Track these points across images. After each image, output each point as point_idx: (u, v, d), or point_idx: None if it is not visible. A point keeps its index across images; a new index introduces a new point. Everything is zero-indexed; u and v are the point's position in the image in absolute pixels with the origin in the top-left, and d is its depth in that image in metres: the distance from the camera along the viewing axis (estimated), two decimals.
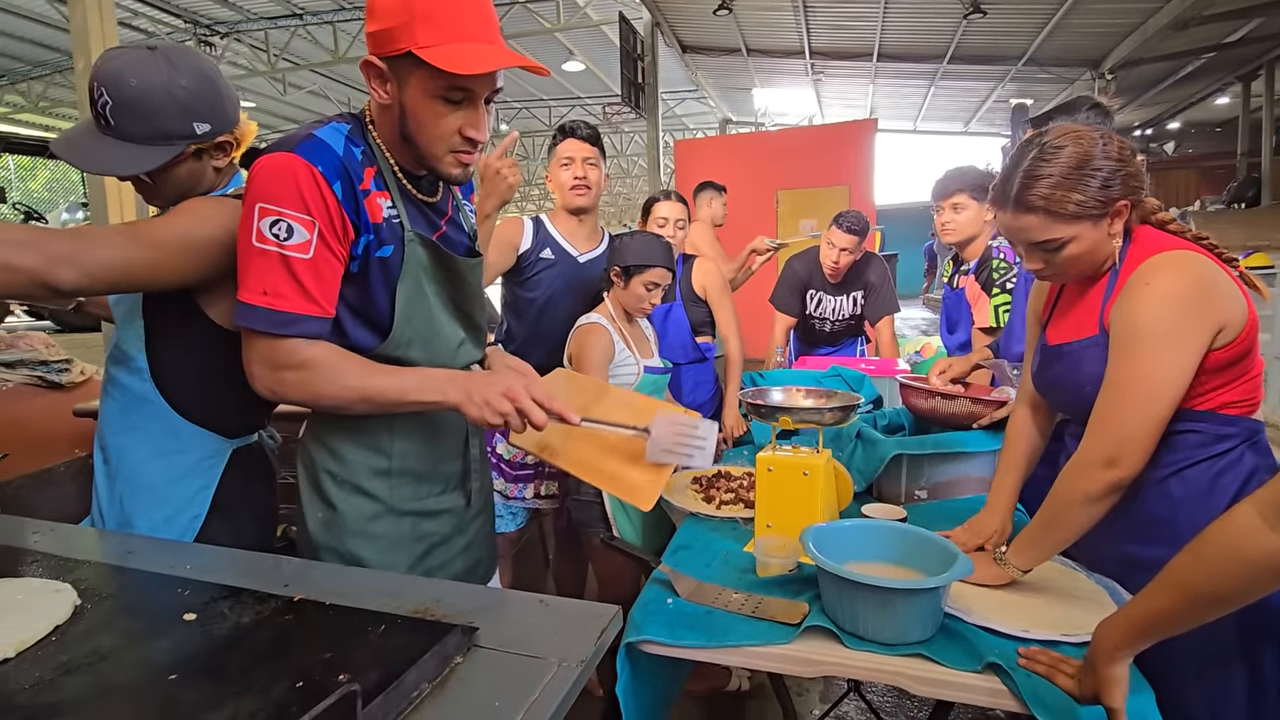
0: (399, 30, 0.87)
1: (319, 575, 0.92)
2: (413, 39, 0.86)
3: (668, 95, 12.09)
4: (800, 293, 2.84)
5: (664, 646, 1.00)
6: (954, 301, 2.23)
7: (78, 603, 0.78)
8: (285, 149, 0.90)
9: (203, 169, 1.11)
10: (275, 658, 0.67)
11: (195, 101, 1.04)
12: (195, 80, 1.04)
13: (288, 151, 0.90)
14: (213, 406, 1.12)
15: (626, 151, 18.62)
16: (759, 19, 7.88)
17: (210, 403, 1.12)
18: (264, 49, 10.08)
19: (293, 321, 0.91)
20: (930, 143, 15.54)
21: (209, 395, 1.11)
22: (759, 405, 1.33)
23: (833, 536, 1.09)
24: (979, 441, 1.54)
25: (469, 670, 0.68)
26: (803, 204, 6.15)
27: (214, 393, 1.11)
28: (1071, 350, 1.12)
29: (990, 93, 10.00)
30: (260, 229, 0.89)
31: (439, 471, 1.12)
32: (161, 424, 1.11)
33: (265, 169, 0.90)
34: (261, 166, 0.90)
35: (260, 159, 0.91)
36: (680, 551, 1.30)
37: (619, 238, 1.89)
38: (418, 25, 0.86)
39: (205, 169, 1.11)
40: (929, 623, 0.96)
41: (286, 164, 0.89)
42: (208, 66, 1.08)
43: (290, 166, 0.89)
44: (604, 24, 9.18)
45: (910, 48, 8.39)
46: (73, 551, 0.96)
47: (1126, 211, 1.04)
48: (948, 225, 2.10)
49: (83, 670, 0.66)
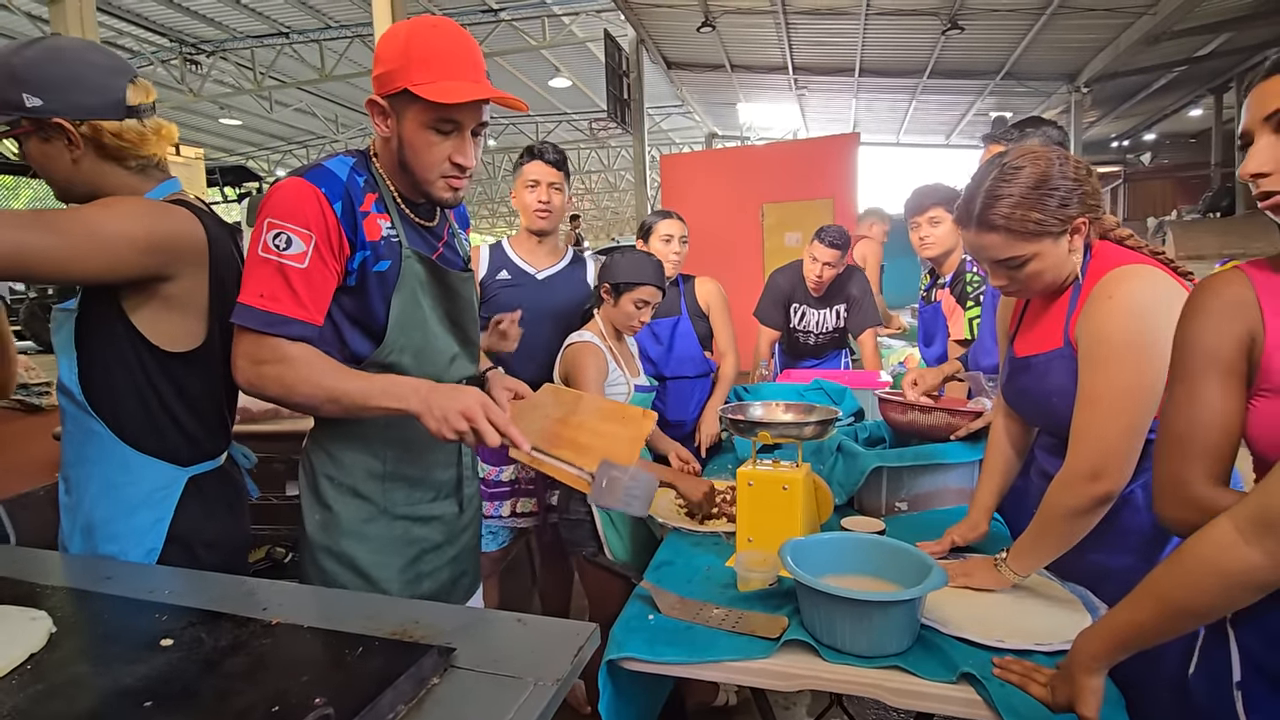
0: (397, 72, 1.00)
1: (298, 598, 0.92)
2: (408, 78, 0.99)
3: (653, 110, 12.21)
4: (784, 306, 2.87)
5: (644, 663, 1.00)
6: (930, 315, 2.27)
7: (53, 630, 0.77)
8: (296, 175, 1.04)
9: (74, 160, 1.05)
10: (251, 682, 0.67)
11: (29, 72, 1.00)
12: (41, 56, 1.01)
13: (298, 177, 1.03)
14: (160, 434, 1.09)
15: (613, 166, 18.76)
16: (742, 35, 7.99)
17: (157, 430, 1.09)
18: (250, 67, 10.11)
19: (282, 323, 1.00)
20: (913, 155, 15.78)
21: (155, 422, 1.09)
22: (738, 420, 1.35)
23: (811, 550, 1.10)
24: (957, 453, 1.57)
25: (445, 691, 0.69)
26: (788, 217, 6.20)
27: (161, 419, 1.09)
28: (1038, 362, 1.15)
29: (970, 106, 10.18)
30: (265, 240, 1.00)
31: (431, 478, 1.18)
32: (111, 456, 1.08)
33: (277, 191, 1.02)
34: (275, 189, 1.03)
35: (275, 184, 1.04)
36: (663, 567, 1.31)
37: (609, 255, 1.90)
38: (413, 67, 0.99)
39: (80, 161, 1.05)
40: (905, 634, 0.97)
41: (294, 186, 1.02)
42: (77, 53, 1.04)
43: (297, 188, 1.01)
44: (589, 41, 9.30)
45: (891, 63, 8.53)
46: (48, 578, 0.95)
47: (1085, 228, 1.07)
48: (926, 240, 2.14)
49: (58, 698, 0.66)
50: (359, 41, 9.38)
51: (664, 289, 1.87)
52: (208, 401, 1.14)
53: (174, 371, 1.09)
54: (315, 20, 9.16)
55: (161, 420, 1.09)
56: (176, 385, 1.09)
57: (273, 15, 8.95)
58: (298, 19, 9.14)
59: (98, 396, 1.07)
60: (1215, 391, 0.78)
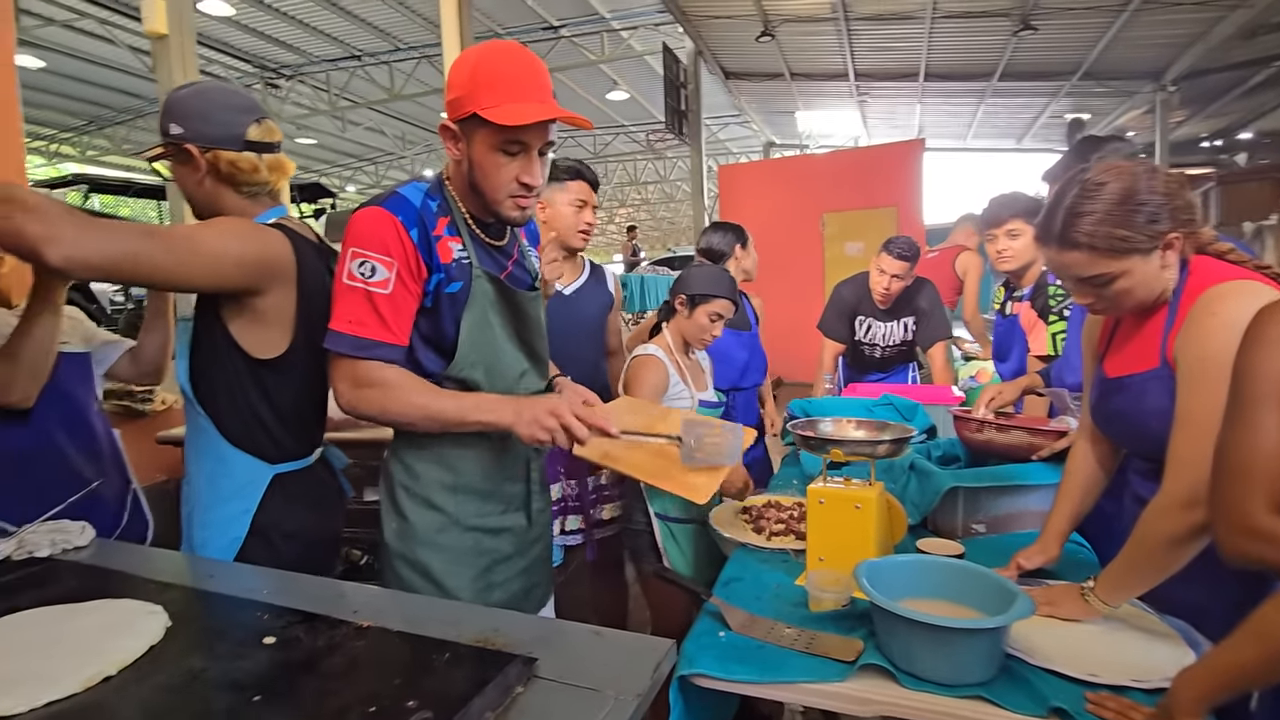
0: (466, 97, 1.05)
1: (384, 602, 0.96)
2: (476, 103, 1.04)
3: (710, 121, 12.21)
4: (849, 319, 2.81)
5: (716, 680, 1.00)
6: (1006, 329, 2.18)
7: (168, 624, 0.83)
8: (375, 204, 1.09)
9: (199, 180, 1.21)
10: (348, 682, 0.71)
11: (176, 106, 1.20)
12: (189, 93, 1.21)
13: (377, 206, 1.08)
14: (250, 431, 1.22)
15: (670, 177, 18.83)
16: (801, 43, 7.91)
17: (248, 428, 1.21)
18: (325, 89, 10.64)
19: (372, 346, 1.06)
20: (981, 159, 15.23)
21: (245, 421, 1.21)
22: (809, 437, 1.33)
23: (887, 572, 1.08)
24: (1040, 474, 1.50)
25: (529, 701, 0.70)
26: (849, 226, 6.10)
27: (249, 418, 1.21)
28: (1133, 383, 1.09)
29: (1044, 108, 9.76)
30: (350, 269, 1.06)
31: (501, 491, 1.22)
32: (212, 449, 1.22)
33: (358, 220, 1.07)
34: (356, 218, 1.08)
35: (355, 212, 1.09)
36: (731, 584, 1.30)
37: (685, 269, 1.91)
38: (480, 92, 1.04)
39: (203, 182, 1.21)
40: (989, 664, 0.94)
41: (374, 216, 1.07)
42: (217, 94, 1.22)
43: (377, 217, 1.07)
44: (647, 54, 9.40)
45: (958, 66, 8.28)
46: (161, 574, 1.02)
47: (1179, 243, 1.02)
48: (1004, 252, 2.06)
49: (176, 689, 0.71)
50: (426, 62, 9.76)
51: (737, 303, 1.88)
52: (291, 405, 1.24)
53: (261, 376, 1.21)
54: (386, 43, 9.58)
55: (250, 419, 1.21)
56: (262, 388, 1.21)
57: (346, 39, 9.41)
58: (369, 42, 9.58)
59: (203, 395, 1.22)
60: (1277, 420, 0.77)
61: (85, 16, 8.05)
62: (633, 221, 20.19)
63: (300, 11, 8.46)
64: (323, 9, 8.37)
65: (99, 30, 8.35)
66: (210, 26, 8.47)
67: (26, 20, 7.65)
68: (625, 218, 23.87)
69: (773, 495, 1.74)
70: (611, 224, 26.04)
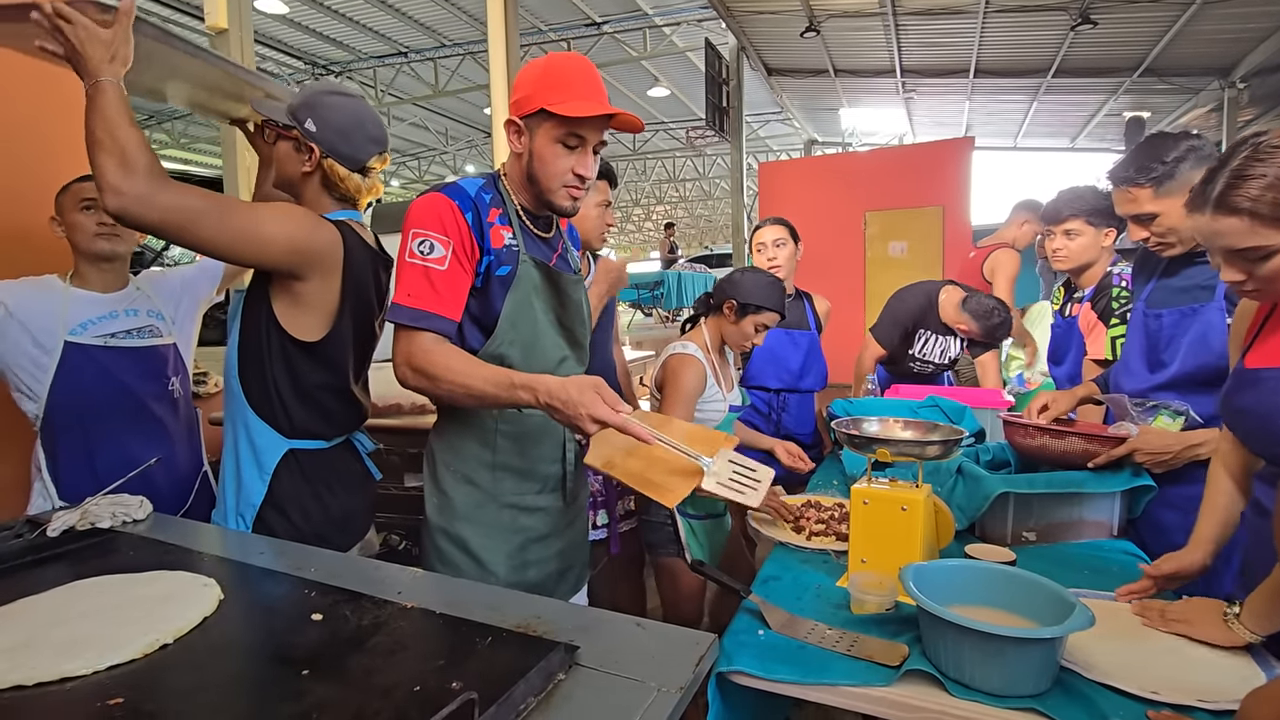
0: (535, 95, 1.14)
1: (426, 584, 0.97)
2: (545, 99, 1.13)
3: (751, 118, 12.10)
4: (905, 330, 2.68)
5: (756, 679, 0.98)
6: (1064, 331, 2.09)
7: (221, 597, 0.86)
8: (433, 190, 1.17)
9: (300, 171, 1.33)
10: (393, 661, 0.71)
11: (321, 110, 1.31)
12: (338, 103, 1.32)
13: (435, 192, 1.16)
14: (269, 403, 1.28)
15: (708, 174, 18.73)
16: (847, 39, 7.77)
17: (268, 399, 1.28)
18: (373, 85, 10.86)
19: (425, 317, 1.12)
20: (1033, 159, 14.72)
21: (268, 392, 1.28)
22: (855, 436, 1.30)
23: (935, 576, 1.04)
24: (1098, 483, 1.44)
25: (571, 688, 0.70)
26: (893, 226, 5.96)
27: (272, 391, 1.28)
28: (1271, 377, 1.01)
29: (1101, 105, 9.37)
30: (411, 248, 1.13)
31: (538, 471, 1.26)
32: (241, 414, 1.30)
33: (418, 205, 1.15)
34: (416, 204, 1.15)
35: (416, 200, 1.16)
36: (770, 582, 1.28)
37: (738, 271, 1.88)
38: (549, 90, 1.13)
39: (303, 174, 1.33)
40: (1044, 675, 0.90)
41: (432, 199, 1.15)
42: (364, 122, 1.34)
43: (435, 200, 1.15)
44: (689, 50, 9.35)
45: (1010, 62, 8.01)
46: (213, 549, 1.06)
47: None
48: (1059, 252, 1.97)
49: (229, 659, 0.73)
50: (470, 58, 9.88)
51: (784, 314, 1.84)
52: (311, 389, 1.30)
53: (290, 354, 1.27)
54: (431, 40, 9.73)
55: (270, 391, 1.27)
56: (289, 365, 1.28)
57: (394, 36, 9.59)
58: (416, 39, 9.74)
59: (242, 361, 1.29)
60: None
61: (150, 15, 8.38)
62: (670, 219, 20.13)
63: (350, 8, 8.65)
64: (372, 6, 8.55)
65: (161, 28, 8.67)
66: (265, 24, 8.73)
67: None
68: (663, 215, 23.83)
69: (812, 495, 1.71)
70: (649, 221, 26.03)
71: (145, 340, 1.59)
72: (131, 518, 1.19)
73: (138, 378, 1.56)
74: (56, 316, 1.49)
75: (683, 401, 1.73)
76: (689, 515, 1.76)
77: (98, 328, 1.53)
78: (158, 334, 1.63)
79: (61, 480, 1.49)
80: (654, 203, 23.30)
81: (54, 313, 1.49)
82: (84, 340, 1.50)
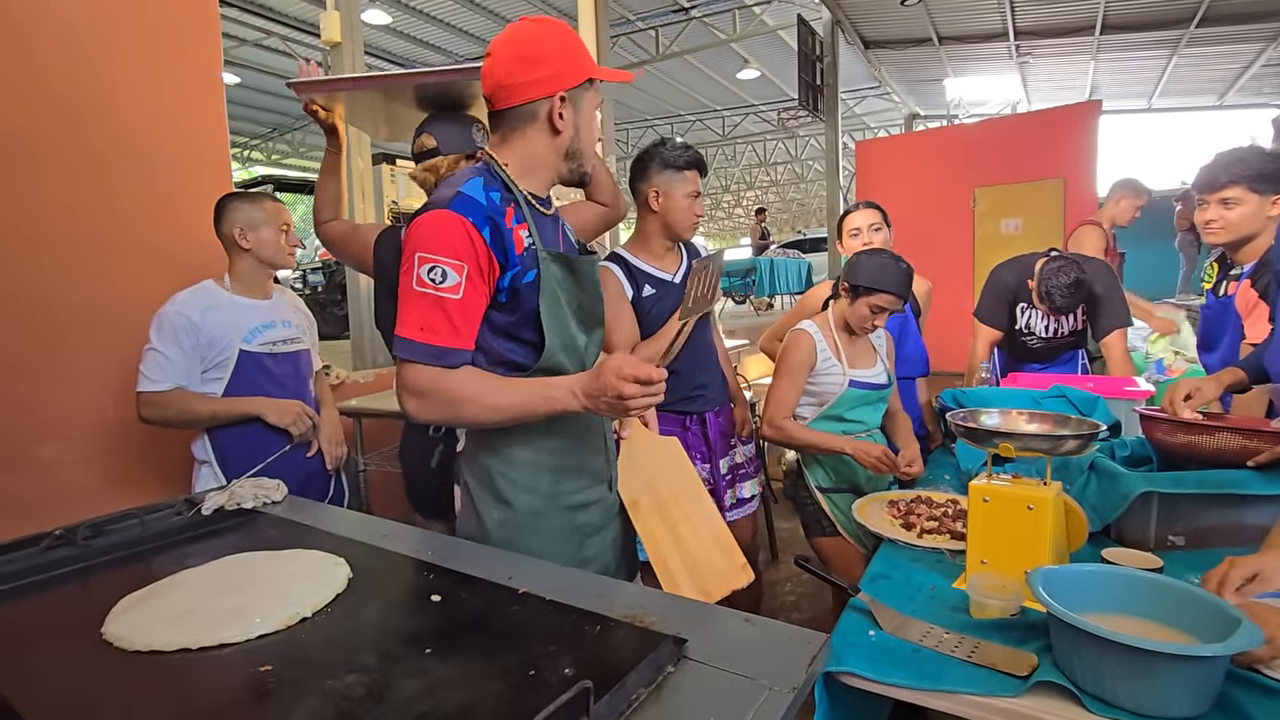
0: (572, 67, 1.10)
1: (535, 570, 0.99)
2: (589, 68, 1.12)
3: (847, 94, 11.60)
4: (1008, 306, 2.51)
5: (867, 681, 0.94)
6: (1218, 312, 1.85)
7: (350, 575, 0.92)
8: (439, 206, 1.03)
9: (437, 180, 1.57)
10: (509, 644, 0.74)
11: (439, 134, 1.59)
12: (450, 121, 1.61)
13: (443, 209, 1.02)
14: None
15: (801, 156, 18.16)
16: (953, 4, 7.25)
17: None
18: None
19: (444, 354, 1.02)
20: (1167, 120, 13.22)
21: None
22: (974, 429, 1.21)
23: (1067, 581, 0.96)
24: (1258, 484, 1.27)
25: (680, 681, 0.70)
26: (1005, 201, 5.54)
27: None
28: None
29: (1258, 55, 8.25)
30: (419, 274, 1.01)
31: (588, 466, 1.22)
32: None
33: (423, 224, 1.03)
34: (420, 222, 1.03)
35: (419, 216, 1.05)
36: (879, 581, 1.22)
37: (859, 255, 1.83)
38: (582, 60, 1.11)
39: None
40: (1202, 697, 0.81)
41: (441, 218, 1.02)
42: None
43: (444, 220, 1.02)
44: (781, 28, 9.06)
45: (1144, 14, 7.21)
46: (341, 530, 1.13)
47: None
48: (1213, 224, 1.73)
49: (361, 635, 0.78)
50: None
51: (906, 298, 1.77)
52: None
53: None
54: None
55: None
56: None
57: (485, 36, 9.89)
58: None
59: None
60: None
61: (271, 35, 9.10)
62: (761, 204, 19.69)
63: (446, 13, 9.01)
64: (464, 8, 8.85)
65: (281, 47, 9.41)
66: (371, 35, 9.26)
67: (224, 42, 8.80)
68: (753, 200, 23.37)
69: (923, 491, 1.62)
70: (739, 207, 25.61)
71: (293, 346, 1.83)
72: (270, 499, 1.30)
73: (291, 379, 1.80)
74: (230, 326, 1.70)
75: (786, 373, 1.85)
76: (826, 490, 1.86)
77: (263, 336, 1.75)
78: (300, 341, 1.85)
79: (229, 472, 1.69)
80: (744, 188, 22.89)
81: (227, 322, 1.70)
82: (253, 348, 1.73)
